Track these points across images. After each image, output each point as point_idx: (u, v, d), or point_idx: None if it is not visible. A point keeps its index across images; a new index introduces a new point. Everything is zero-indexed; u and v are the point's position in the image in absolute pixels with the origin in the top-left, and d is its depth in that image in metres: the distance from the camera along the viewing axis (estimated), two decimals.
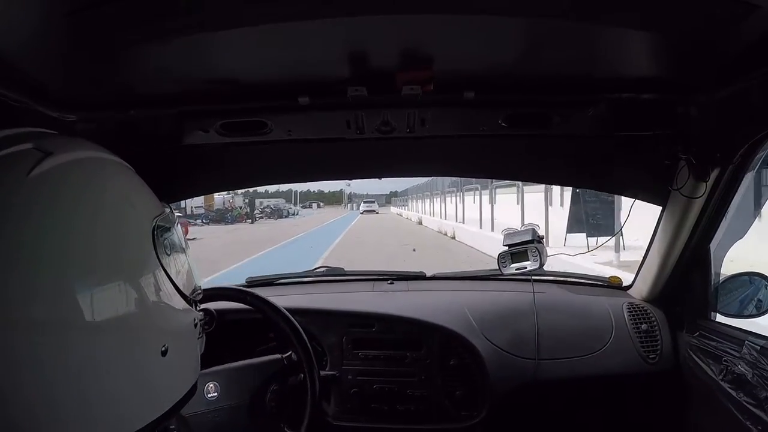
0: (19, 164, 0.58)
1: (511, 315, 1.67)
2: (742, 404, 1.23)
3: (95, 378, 0.56)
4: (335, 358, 1.64)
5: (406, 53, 1.00)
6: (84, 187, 0.62)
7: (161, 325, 0.64)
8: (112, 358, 0.57)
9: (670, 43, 0.94)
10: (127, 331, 0.59)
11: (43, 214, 0.57)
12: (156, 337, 0.62)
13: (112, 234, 0.61)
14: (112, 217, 0.62)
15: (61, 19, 0.77)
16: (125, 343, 0.59)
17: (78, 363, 0.55)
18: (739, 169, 1.31)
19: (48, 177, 0.59)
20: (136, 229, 0.63)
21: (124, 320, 0.59)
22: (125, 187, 0.66)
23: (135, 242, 0.63)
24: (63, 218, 0.58)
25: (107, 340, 0.57)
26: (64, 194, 0.59)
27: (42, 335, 0.53)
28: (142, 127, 1.29)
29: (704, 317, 1.49)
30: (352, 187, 62.73)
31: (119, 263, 0.60)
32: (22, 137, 0.63)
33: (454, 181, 18.80)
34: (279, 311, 1.46)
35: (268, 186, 4.64)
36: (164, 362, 0.63)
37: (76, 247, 0.57)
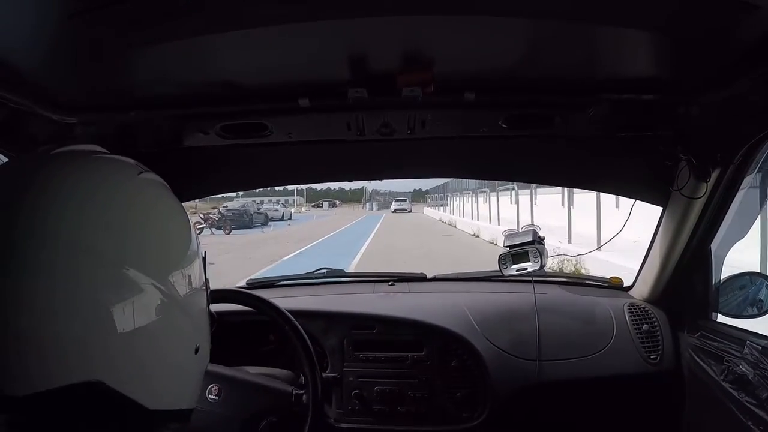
0: (130, 167, 0.69)
1: (512, 316, 1.67)
2: (744, 404, 1.22)
3: (150, 339, 0.62)
4: (336, 360, 1.64)
5: (406, 55, 1.00)
6: (171, 200, 0.72)
7: (199, 323, 0.72)
8: (167, 334, 0.64)
9: (671, 43, 0.94)
10: (183, 311, 0.67)
11: (146, 208, 0.66)
12: (196, 333, 0.70)
13: (187, 235, 0.71)
14: (184, 229, 0.72)
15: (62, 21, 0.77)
16: (176, 325, 0.66)
17: (146, 320, 0.62)
18: (739, 169, 1.31)
19: (151, 183, 0.70)
20: (194, 247, 0.73)
21: (185, 301, 0.67)
22: (186, 216, 0.76)
23: (196, 249, 0.73)
24: (161, 216, 0.68)
25: (177, 314, 0.66)
26: (165, 198, 0.70)
27: (129, 295, 0.61)
28: (142, 130, 1.29)
29: (705, 317, 1.49)
30: (375, 185, 55.17)
31: (191, 259, 0.70)
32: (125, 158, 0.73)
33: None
34: (280, 313, 1.45)
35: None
36: (194, 361, 0.70)
37: (165, 243, 0.67)
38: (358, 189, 57.91)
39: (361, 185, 39.81)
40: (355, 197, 73.98)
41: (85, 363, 0.57)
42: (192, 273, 0.69)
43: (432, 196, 48.77)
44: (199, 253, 0.73)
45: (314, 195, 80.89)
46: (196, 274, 0.70)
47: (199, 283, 0.71)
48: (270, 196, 56.91)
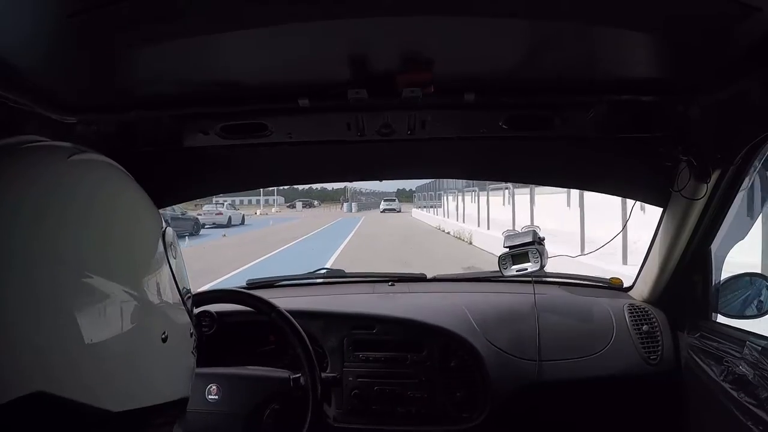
0: (60, 151, 0.65)
1: (511, 316, 1.67)
2: (744, 405, 1.22)
3: (99, 336, 0.59)
4: (336, 360, 1.64)
5: (406, 55, 1.00)
6: (120, 179, 0.69)
7: (164, 310, 0.68)
8: (121, 321, 0.61)
9: (671, 44, 0.94)
10: (140, 307, 0.63)
11: (88, 192, 0.63)
12: (159, 320, 0.66)
13: (138, 223, 0.68)
14: (141, 208, 0.69)
15: (61, 21, 0.77)
16: (135, 316, 0.62)
17: (92, 316, 0.59)
18: (740, 170, 1.31)
19: (87, 164, 0.66)
20: (155, 226, 0.70)
21: (139, 295, 0.63)
22: (141, 196, 0.72)
23: (154, 237, 0.69)
24: (105, 200, 0.64)
25: (123, 304, 0.61)
26: (106, 179, 0.66)
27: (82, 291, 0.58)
28: (142, 130, 1.29)
29: (705, 318, 1.49)
30: (357, 185, 48.86)
31: (145, 247, 0.67)
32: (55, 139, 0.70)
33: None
34: (280, 313, 1.45)
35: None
36: (162, 350, 0.66)
37: (114, 226, 0.64)
38: (340, 188, 54.23)
39: (344, 185, 35.26)
40: (336, 197, 68.68)
41: (26, 373, 0.54)
42: (147, 254, 0.66)
43: (419, 195, 42.57)
44: (158, 232, 0.69)
45: (294, 194, 78.96)
46: (152, 258, 0.67)
47: (158, 266, 0.67)
48: (251, 196, 55.34)
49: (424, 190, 36.29)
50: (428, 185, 31.58)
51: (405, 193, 73.72)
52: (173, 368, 0.70)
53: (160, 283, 0.67)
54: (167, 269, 0.69)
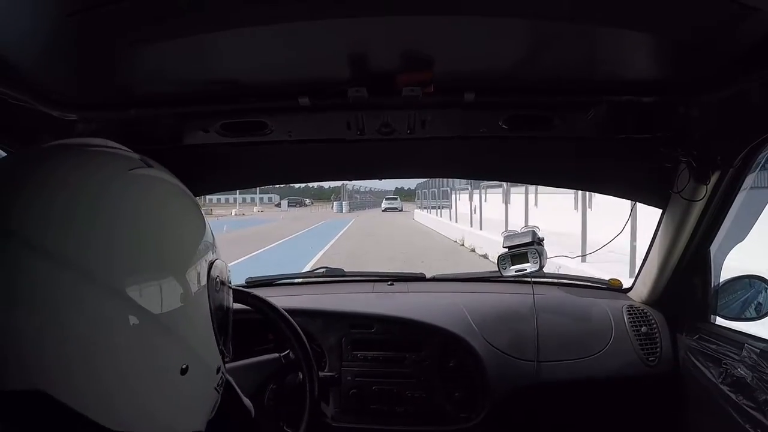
0: (123, 161, 0.66)
1: (510, 317, 1.67)
2: (742, 407, 1.22)
3: (113, 356, 0.59)
4: (334, 359, 1.64)
5: (406, 55, 1.00)
6: (173, 199, 0.68)
7: (189, 341, 0.65)
8: (139, 346, 0.60)
9: (671, 45, 0.94)
10: (161, 327, 0.61)
11: (134, 205, 0.62)
12: (181, 350, 0.64)
13: (182, 244, 0.66)
14: (186, 232, 0.68)
15: (62, 18, 0.77)
16: (155, 338, 0.61)
17: (108, 335, 0.58)
18: (739, 172, 1.31)
19: (144, 179, 0.66)
20: (200, 252, 0.68)
21: (171, 319, 0.62)
22: (198, 218, 0.71)
23: (197, 260, 0.67)
24: (148, 215, 0.63)
25: (152, 331, 0.60)
26: (152, 198, 0.65)
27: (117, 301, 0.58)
28: (142, 127, 1.29)
29: (704, 320, 1.49)
30: (355, 183, 46.08)
31: (180, 268, 0.64)
32: (128, 150, 0.71)
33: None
34: (278, 312, 1.45)
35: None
36: (180, 382, 0.64)
37: (150, 245, 0.62)
38: (337, 187, 50.16)
39: (340, 183, 30.77)
40: (334, 194, 62.64)
41: (29, 369, 0.55)
42: (181, 283, 0.63)
43: (422, 193, 36.12)
44: (206, 257, 0.68)
45: (291, 192, 77.14)
46: (189, 285, 0.64)
47: (194, 295, 0.65)
48: (253, 194, 53.93)
49: (427, 188, 31.20)
50: (431, 182, 27.02)
51: (404, 192, 71.71)
52: (189, 402, 0.68)
53: (192, 316, 0.65)
54: (205, 303, 0.67)
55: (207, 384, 0.71)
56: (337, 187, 50.03)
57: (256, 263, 10.86)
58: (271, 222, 28.95)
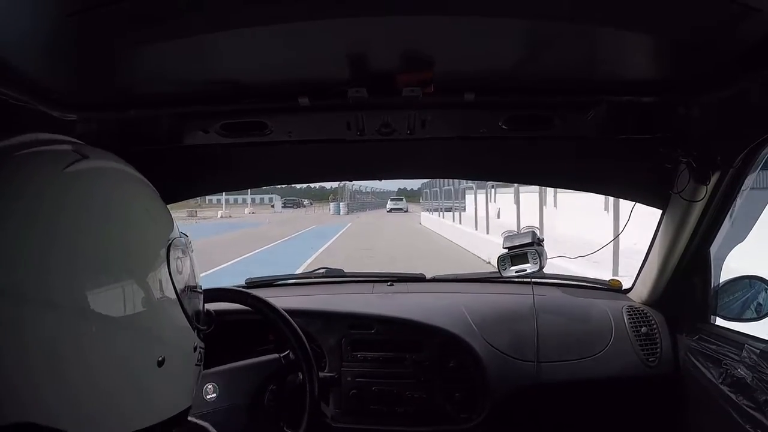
0: (55, 160, 0.62)
1: (510, 317, 1.67)
2: (742, 407, 1.22)
3: (84, 369, 0.58)
4: (334, 360, 1.64)
5: (406, 55, 1.00)
6: (114, 191, 0.66)
7: (161, 335, 0.65)
8: (106, 353, 0.59)
9: (671, 45, 0.94)
10: (128, 331, 0.60)
11: (75, 209, 0.60)
12: (154, 346, 0.64)
13: (133, 238, 0.64)
14: (136, 223, 0.66)
15: (62, 19, 0.77)
16: (129, 341, 0.60)
17: (73, 349, 0.57)
18: (739, 172, 1.30)
19: (82, 175, 0.63)
20: (154, 240, 0.67)
21: (134, 319, 0.61)
22: (148, 202, 0.69)
23: (152, 253, 0.65)
24: (93, 216, 0.61)
25: (114, 333, 0.59)
26: (97, 194, 0.63)
27: (56, 313, 0.56)
28: (142, 128, 1.29)
29: (704, 320, 1.49)
30: (357, 184, 42.95)
31: (135, 266, 0.63)
32: (58, 140, 0.67)
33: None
34: (278, 312, 1.45)
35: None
36: (158, 374, 0.64)
37: (102, 245, 0.60)
38: (339, 187, 47.19)
39: (341, 183, 30.20)
40: (333, 195, 58.67)
41: (7, 403, 0.54)
42: (139, 280, 0.62)
43: (428, 193, 31.67)
44: (162, 243, 0.66)
45: (292, 193, 76.20)
46: (148, 279, 0.63)
47: (157, 288, 0.64)
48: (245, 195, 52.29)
49: (433, 187, 26.99)
50: (438, 181, 23.06)
51: (407, 193, 70.32)
52: (171, 388, 0.68)
53: (159, 309, 0.64)
54: (170, 290, 0.66)
55: (186, 366, 0.71)
56: (339, 187, 47.33)
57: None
58: (251, 227, 24.15)
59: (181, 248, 0.70)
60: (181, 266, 0.69)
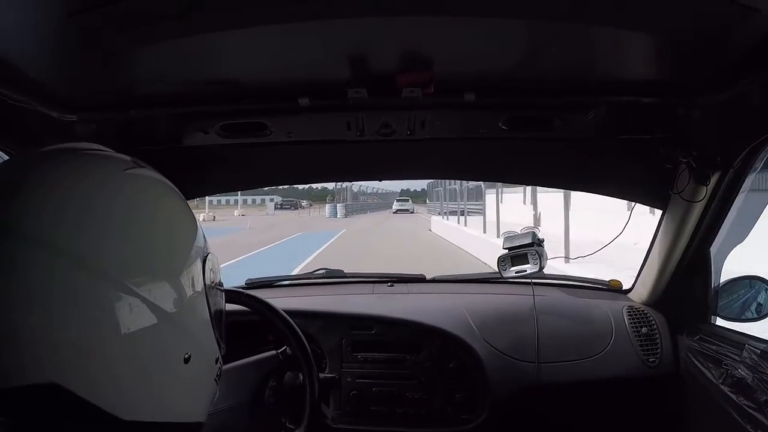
0: (116, 162, 0.68)
1: (511, 318, 1.67)
2: (743, 408, 1.22)
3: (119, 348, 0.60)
4: (334, 361, 1.64)
5: (406, 55, 1.00)
6: (165, 197, 0.70)
7: (192, 331, 0.67)
8: (143, 338, 0.61)
9: (671, 46, 0.94)
10: (167, 322, 0.63)
11: (129, 204, 0.64)
12: (185, 340, 0.66)
13: (177, 237, 0.68)
14: (181, 229, 0.70)
15: (62, 20, 0.77)
16: (153, 334, 0.62)
17: (114, 325, 0.59)
18: (739, 173, 1.31)
19: (139, 178, 0.68)
20: (195, 249, 0.70)
21: (169, 311, 0.64)
22: (190, 214, 0.73)
23: (192, 254, 0.69)
24: (145, 213, 0.65)
25: (147, 322, 0.62)
26: (149, 195, 0.68)
27: (115, 287, 0.59)
28: (142, 128, 1.29)
29: (704, 321, 1.49)
30: (358, 185, 41.11)
31: (182, 263, 0.67)
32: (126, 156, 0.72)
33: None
34: (278, 313, 1.45)
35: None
36: (184, 370, 0.66)
37: (143, 247, 0.63)
38: (338, 188, 44.49)
39: (343, 184, 26.35)
40: (330, 196, 53.76)
41: (42, 363, 0.56)
42: (179, 278, 0.65)
43: (436, 191, 27.46)
44: (200, 254, 0.70)
45: (294, 193, 75.34)
46: (189, 279, 0.67)
47: (193, 289, 0.67)
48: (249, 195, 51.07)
49: (441, 187, 23.43)
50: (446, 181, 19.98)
51: (410, 194, 69.40)
52: (192, 391, 0.70)
53: (193, 305, 0.67)
54: (202, 295, 0.69)
55: (208, 373, 0.73)
56: (336, 188, 43.96)
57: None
58: (224, 234, 18.86)
59: (213, 265, 0.74)
60: (212, 282, 0.73)
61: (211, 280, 0.72)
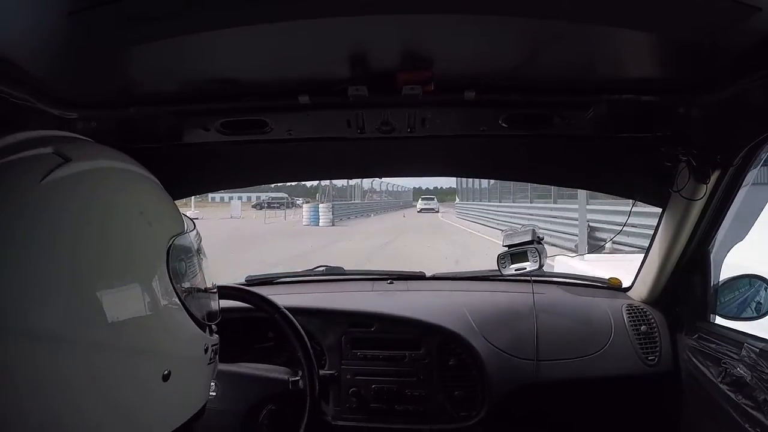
0: (34, 169, 0.59)
1: (510, 316, 1.67)
2: (741, 406, 1.23)
3: (83, 393, 0.55)
4: (334, 358, 1.64)
5: (406, 53, 1.00)
6: (95, 197, 0.61)
7: (165, 349, 0.62)
8: (107, 376, 0.56)
9: (671, 44, 0.94)
10: (127, 351, 0.58)
11: (51, 222, 0.57)
12: (158, 361, 0.61)
13: (120, 248, 0.60)
14: (121, 231, 0.61)
15: (63, 18, 0.77)
16: (123, 363, 0.58)
17: (66, 376, 0.54)
18: (739, 171, 1.31)
19: (60, 185, 0.59)
20: (149, 245, 0.62)
21: (125, 339, 0.57)
22: (143, 201, 0.65)
23: (145, 259, 0.61)
24: (70, 229, 0.57)
25: (104, 357, 0.56)
26: (73, 204, 0.59)
27: (38, 343, 0.53)
28: (142, 126, 1.29)
29: (703, 319, 1.49)
30: (366, 182, 35.95)
31: (126, 279, 0.59)
32: (45, 141, 0.64)
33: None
34: (278, 310, 1.46)
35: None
36: (164, 388, 0.61)
37: (81, 259, 0.57)
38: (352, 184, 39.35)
39: (346, 181, 26.02)
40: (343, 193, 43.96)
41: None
42: (146, 286, 0.58)
43: (465, 190, 21.72)
44: (158, 249, 0.62)
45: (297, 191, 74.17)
46: (154, 286, 0.59)
47: (159, 300, 0.60)
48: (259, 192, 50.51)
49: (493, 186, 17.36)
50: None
51: (420, 192, 67.89)
52: (181, 396, 0.66)
53: (159, 322, 0.61)
54: (172, 296, 0.62)
55: (197, 370, 0.69)
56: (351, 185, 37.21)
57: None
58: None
59: (186, 247, 0.66)
60: (186, 267, 0.65)
61: (179, 267, 0.64)
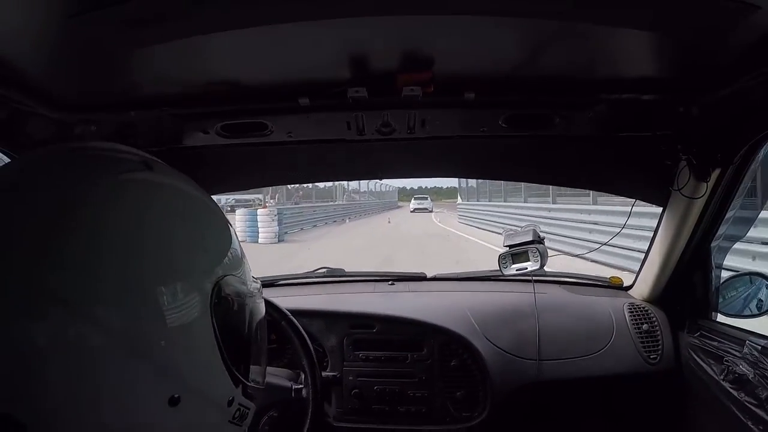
0: (115, 165, 0.61)
1: (512, 316, 1.67)
2: (743, 404, 1.23)
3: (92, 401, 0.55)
4: (336, 360, 1.64)
5: (406, 54, 1.00)
6: (154, 209, 0.61)
7: (181, 371, 0.58)
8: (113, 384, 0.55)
9: (671, 43, 0.94)
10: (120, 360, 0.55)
11: (107, 221, 0.57)
12: (168, 382, 0.57)
13: (168, 266, 0.59)
14: (176, 251, 0.60)
15: (62, 21, 0.77)
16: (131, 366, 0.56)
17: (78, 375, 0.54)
18: (739, 169, 1.31)
19: (130, 186, 0.60)
20: (202, 268, 0.61)
21: (129, 346, 0.55)
22: (205, 229, 0.64)
23: (191, 281, 0.60)
24: (118, 232, 0.57)
25: (116, 366, 0.55)
26: (130, 209, 0.59)
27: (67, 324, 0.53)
28: (141, 129, 1.29)
29: (705, 317, 1.49)
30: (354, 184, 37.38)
31: (177, 289, 0.58)
32: (134, 151, 0.66)
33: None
34: (281, 312, 1.46)
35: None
36: (170, 413, 0.57)
37: (122, 266, 0.56)
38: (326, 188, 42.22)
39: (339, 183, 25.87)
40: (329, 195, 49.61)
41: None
42: (164, 306, 0.56)
43: (469, 189, 20.29)
44: (206, 275, 0.61)
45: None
46: (180, 306, 0.57)
47: (187, 319, 0.58)
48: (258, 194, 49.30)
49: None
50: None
51: (406, 192, 67.84)
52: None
53: (184, 342, 0.58)
54: (207, 326, 0.59)
55: (211, 417, 0.63)
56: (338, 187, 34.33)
57: None
58: None
59: (237, 287, 0.63)
60: (233, 306, 0.63)
61: (229, 302, 0.62)
